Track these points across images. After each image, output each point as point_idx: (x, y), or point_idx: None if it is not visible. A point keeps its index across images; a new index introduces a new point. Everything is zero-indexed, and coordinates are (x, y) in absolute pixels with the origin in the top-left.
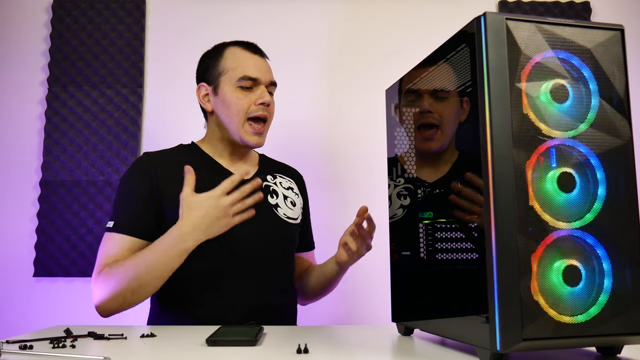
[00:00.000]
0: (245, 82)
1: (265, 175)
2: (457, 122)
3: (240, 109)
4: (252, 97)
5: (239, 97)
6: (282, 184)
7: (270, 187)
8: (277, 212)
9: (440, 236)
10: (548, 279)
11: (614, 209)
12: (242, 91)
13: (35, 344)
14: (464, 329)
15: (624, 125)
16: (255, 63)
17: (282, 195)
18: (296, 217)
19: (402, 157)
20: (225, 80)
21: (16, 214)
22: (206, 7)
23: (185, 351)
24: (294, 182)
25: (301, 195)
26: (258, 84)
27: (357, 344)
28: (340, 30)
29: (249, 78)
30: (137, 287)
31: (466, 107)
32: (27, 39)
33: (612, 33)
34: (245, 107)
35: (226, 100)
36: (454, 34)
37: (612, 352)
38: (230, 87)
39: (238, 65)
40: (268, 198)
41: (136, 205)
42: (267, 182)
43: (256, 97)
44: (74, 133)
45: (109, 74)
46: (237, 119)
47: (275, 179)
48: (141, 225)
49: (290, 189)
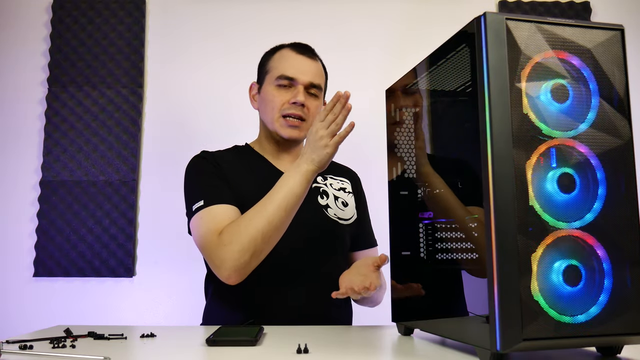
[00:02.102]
0: (282, 81)
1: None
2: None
3: (275, 105)
4: (287, 96)
5: (275, 94)
6: (333, 185)
7: (320, 188)
8: (328, 213)
9: (440, 236)
10: (548, 279)
11: (614, 209)
12: (279, 90)
13: (35, 344)
14: (464, 329)
15: (624, 125)
16: (297, 63)
17: (332, 196)
18: (348, 217)
19: (402, 157)
20: (267, 79)
21: (16, 214)
22: (206, 7)
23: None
24: (347, 182)
25: (356, 194)
26: (295, 84)
27: (357, 344)
28: (340, 30)
29: (285, 77)
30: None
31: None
32: (27, 39)
33: (612, 33)
34: (278, 104)
35: (265, 98)
36: (454, 34)
37: (612, 352)
38: (270, 86)
39: (280, 64)
40: (318, 199)
41: (216, 180)
42: (317, 183)
43: (291, 96)
44: (74, 133)
45: (109, 74)
46: (271, 115)
47: (326, 180)
48: (228, 194)
49: (342, 189)
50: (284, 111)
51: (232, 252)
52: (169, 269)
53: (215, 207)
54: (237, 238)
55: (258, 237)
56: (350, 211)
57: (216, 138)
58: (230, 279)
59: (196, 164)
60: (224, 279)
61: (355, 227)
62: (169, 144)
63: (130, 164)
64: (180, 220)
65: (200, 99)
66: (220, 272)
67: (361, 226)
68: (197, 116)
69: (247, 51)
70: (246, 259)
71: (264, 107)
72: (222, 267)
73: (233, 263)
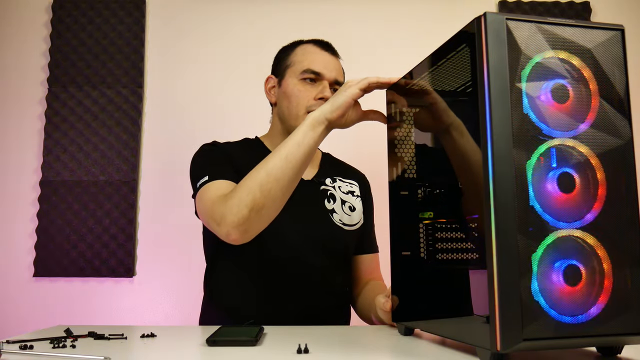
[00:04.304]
0: (309, 74)
1: (325, 179)
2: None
3: (300, 101)
4: (313, 91)
5: (300, 89)
6: (342, 188)
7: (328, 192)
8: (333, 218)
9: (440, 236)
10: (548, 279)
11: (614, 209)
12: (304, 84)
13: (35, 344)
14: (464, 329)
15: (624, 125)
16: (322, 59)
17: (339, 200)
18: (353, 223)
19: (402, 157)
20: (290, 73)
21: (16, 214)
22: (206, 7)
23: (185, 351)
24: (356, 185)
25: (363, 197)
26: (321, 79)
27: (357, 344)
28: (340, 30)
29: (312, 71)
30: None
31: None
32: (27, 39)
33: (612, 33)
34: (304, 100)
35: (288, 92)
36: (454, 34)
37: (612, 352)
38: (294, 79)
39: (305, 59)
40: (325, 203)
41: (222, 160)
42: (325, 185)
43: (317, 91)
44: (74, 133)
45: (109, 74)
46: (295, 111)
47: (335, 182)
48: (233, 174)
49: (351, 192)
50: (310, 107)
51: (230, 206)
52: (169, 269)
53: (219, 181)
54: (235, 193)
55: (256, 188)
56: (357, 216)
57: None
58: (230, 236)
59: (204, 149)
60: (224, 237)
61: (361, 232)
62: (169, 143)
63: (130, 163)
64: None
65: (200, 99)
66: (219, 229)
67: (365, 231)
68: (197, 116)
69: (248, 51)
70: (244, 213)
71: (286, 102)
72: (222, 224)
73: (231, 218)
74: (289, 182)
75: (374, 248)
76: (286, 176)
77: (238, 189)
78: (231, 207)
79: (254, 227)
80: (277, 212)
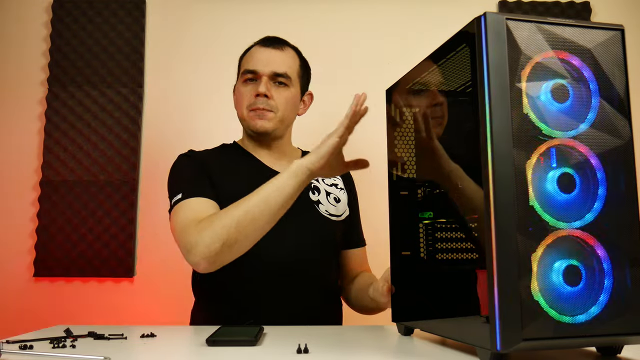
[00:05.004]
0: (247, 75)
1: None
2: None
3: (243, 102)
4: (253, 89)
5: (242, 91)
6: (325, 181)
7: (312, 184)
8: (319, 209)
9: (440, 236)
10: (548, 279)
11: (614, 209)
12: (245, 85)
13: (35, 344)
14: (464, 329)
15: (624, 125)
16: (260, 56)
17: (324, 192)
18: (339, 213)
19: (402, 157)
20: (239, 78)
21: (16, 214)
22: (206, 7)
23: (185, 351)
24: (339, 178)
25: (347, 190)
26: (259, 76)
27: (357, 344)
28: (340, 30)
29: (249, 71)
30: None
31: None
32: (27, 39)
33: (612, 33)
34: (245, 99)
35: (235, 96)
36: (454, 34)
37: (612, 352)
38: (239, 83)
39: (246, 61)
40: (309, 194)
41: (198, 174)
42: None
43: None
44: (74, 133)
45: (109, 74)
46: (240, 112)
47: None
48: (208, 189)
49: (334, 185)
50: (250, 106)
51: (203, 237)
52: (169, 269)
53: (194, 200)
54: (211, 225)
55: (232, 225)
56: (342, 207)
57: (216, 137)
58: (199, 266)
59: (180, 161)
60: (193, 265)
61: (347, 224)
62: (169, 143)
63: (130, 163)
64: None
65: (200, 99)
66: (189, 257)
67: (352, 224)
68: (197, 115)
69: None
70: (217, 247)
71: (236, 105)
72: (192, 252)
73: (203, 249)
74: (265, 224)
75: (362, 242)
76: (264, 217)
77: (214, 221)
78: (204, 239)
79: (224, 260)
80: (249, 247)
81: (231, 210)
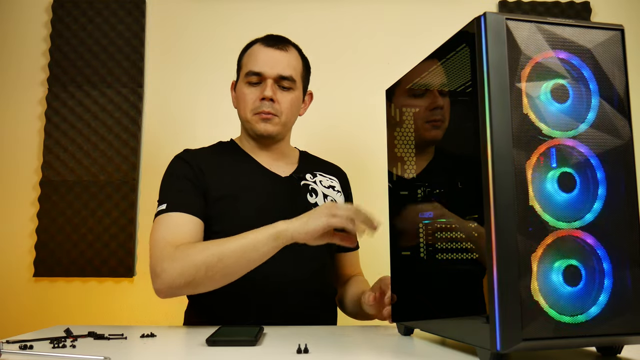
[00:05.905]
0: (251, 77)
1: (305, 174)
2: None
3: (247, 105)
4: (257, 92)
5: (246, 92)
6: (322, 183)
7: (310, 186)
8: None
9: (440, 236)
10: (548, 279)
11: (614, 209)
12: (249, 87)
13: (35, 344)
14: (464, 329)
15: (624, 125)
16: (264, 57)
17: (321, 194)
18: None
19: (402, 157)
20: (240, 76)
21: (16, 214)
22: (206, 7)
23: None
24: (336, 180)
25: (344, 192)
26: (264, 79)
27: (357, 344)
28: (340, 30)
29: (253, 73)
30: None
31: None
32: (27, 39)
33: (612, 33)
34: (249, 103)
35: (238, 96)
36: (454, 34)
37: (612, 352)
38: (242, 83)
39: (249, 60)
40: (307, 197)
41: (186, 185)
42: (305, 180)
43: (260, 92)
44: (74, 133)
45: (109, 74)
46: (243, 114)
47: (315, 177)
48: (194, 203)
49: (332, 187)
50: (255, 109)
51: (174, 268)
52: None
53: (176, 215)
54: (184, 259)
55: (202, 267)
56: None
57: (216, 137)
58: (160, 293)
59: (173, 165)
60: (154, 289)
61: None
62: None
63: (130, 163)
64: None
65: (200, 98)
66: (154, 281)
67: None
68: (197, 115)
69: None
70: (180, 283)
71: (238, 106)
72: (158, 278)
73: (168, 280)
74: (234, 274)
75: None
76: (235, 268)
77: (189, 255)
78: (172, 271)
79: (183, 294)
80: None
81: (205, 252)
